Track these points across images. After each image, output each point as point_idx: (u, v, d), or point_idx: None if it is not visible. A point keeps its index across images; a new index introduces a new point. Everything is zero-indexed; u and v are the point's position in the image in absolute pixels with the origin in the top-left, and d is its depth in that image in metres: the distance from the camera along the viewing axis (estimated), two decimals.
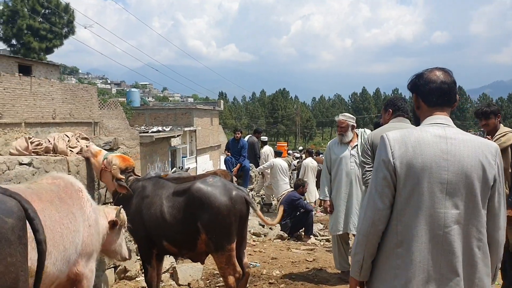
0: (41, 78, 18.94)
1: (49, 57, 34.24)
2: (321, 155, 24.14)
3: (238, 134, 11.45)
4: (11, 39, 33.54)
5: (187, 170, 9.89)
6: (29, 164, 3.67)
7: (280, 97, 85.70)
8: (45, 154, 4.20)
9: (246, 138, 12.51)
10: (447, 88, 2.13)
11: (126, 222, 3.73)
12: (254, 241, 7.32)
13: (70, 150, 4.38)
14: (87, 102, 21.63)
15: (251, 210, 4.16)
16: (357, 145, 5.32)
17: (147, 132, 26.24)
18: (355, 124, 5.46)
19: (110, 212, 3.58)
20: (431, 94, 2.13)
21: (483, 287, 2.01)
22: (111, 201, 4.41)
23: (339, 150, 5.36)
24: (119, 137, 20.66)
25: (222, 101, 43.70)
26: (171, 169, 27.40)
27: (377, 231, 2.05)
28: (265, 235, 8.03)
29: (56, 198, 2.79)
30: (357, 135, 5.43)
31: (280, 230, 8.44)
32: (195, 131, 31.89)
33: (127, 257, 3.83)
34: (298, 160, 19.01)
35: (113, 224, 3.50)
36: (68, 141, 4.46)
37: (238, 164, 11.03)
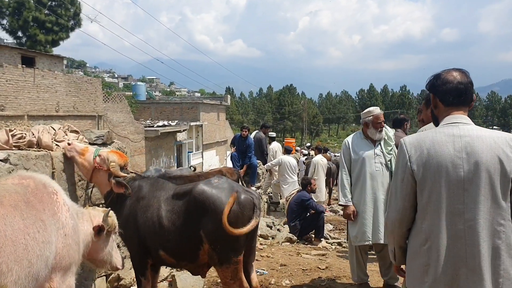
0: (45, 70, 18.51)
1: (55, 50, 33.87)
2: (328, 153, 23.61)
3: (245, 131, 10.80)
4: (17, 31, 33.18)
5: (194, 169, 9.30)
6: (4, 161, 3.18)
7: (287, 93, 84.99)
8: (28, 148, 3.71)
9: (253, 134, 11.94)
10: (464, 88, 2.22)
11: (117, 227, 3.22)
12: (261, 244, 6.82)
13: (56, 144, 3.89)
14: (91, 95, 21.21)
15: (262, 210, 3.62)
16: (380, 143, 4.74)
17: (153, 126, 25.91)
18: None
19: (97, 215, 3.07)
20: (447, 94, 2.23)
21: (509, 278, 2.06)
22: (103, 202, 3.90)
23: (361, 148, 4.72)
24: (124, 131, 20.33)
25: (229, 96, 43.13)
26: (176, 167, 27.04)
27: (401, 230, 2.23)
28: (273, 238, 7.52)
29: (21, 202, 2.29)
30: None
31: (289, 233, 7.91)
32: (201, 126, 31.52)
33: (119, 266, 3.30)
34: (306, 157, 18.45)
35: (99, 230, 2.99)
36: (55, 134, 3.96)
37: (245, 166, 10.49)
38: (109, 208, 3.18)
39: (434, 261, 2.08)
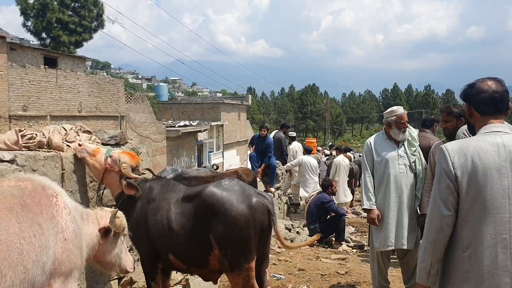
0: (67, 70, 18.71)
1: (79, 51, 34.28)
2: (351, 153, 23.23)
3: (264, 131, 10.50)
4: (41, 33, 33.73)
5: (216, 168, 9.18)
6: (11, 161, 3.10)
7: (310, 93, 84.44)
8: (38, 149, 3.63)
9: (272, 134, 11.72)
10: (499, 97, 2.21)
11: (126, 228, 3.09)
12: (279, 247, 6.64)
13: (67, 145, 3.80)
14: (113, 95, 21.39)
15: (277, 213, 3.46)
16: (404, 143, 4.52)
17: (174, 126, 26.02)
18: None
19: (104, 216, 2.95)
20: (483, 103, 2.23)
21: None
22: (114, 204, 3.80)
23: (384, 149, 4.50)
24: (146, 131, 20.40)
25: (250, 95, 43.07)
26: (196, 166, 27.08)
27: (444, 237, 2.17)
28: (292, 241, 7.34)
29: (17, 205, 2.18)
30: None
31: (308, 236, 7.72)
32: (222, 125, 31.54)
33: (129, 269, 3.17)
34: (328, 157, 18.17)
35: (105, 232, 2.87)
36: (66, 134, 3.87)
37: (263, 165, 10.29)
38: (117, 209, 3.06)
39: (475, 269, 2.08)
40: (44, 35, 33.51)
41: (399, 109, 4.61)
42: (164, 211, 3.35)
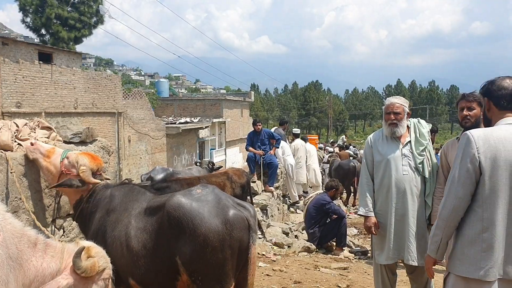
0: (62, 66, 18.23)
1: (78, 47, 33.88)
2: (353, 149, 22.68)
3: (259, 125, 10.10)
4: (40, 29, 33.34)
5: (212, 165, 8.63)
6: None
7: (313, 89, 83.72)
8: None
9: (272, 131, 11.20)
10: None
11: (106, 271, 2.35)
12: (275, 254, 6.09)
13: (19, 144, 3.25)
14: (110, 91, 20.91)
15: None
16: (410, 141, 3.88)
17: (175, 123, 25.58)
18: (409, 112, 4.04)
19: (73, 254, 2.23)
20: (502, 99, 2.45)
21: None
22: (71, 213, 3.25)
23: (386, 148, 3.88)
24: (144, 127, 19.95)
25: (252, 92, 42.53)
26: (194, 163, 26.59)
27: (457, 217, 2.38)
28: (289, 246, 6.78)
29: None
30: (409, 128, 3.97)
31: (307, 241, 7.13)
32: (224, 122, 31.05)
33: None
34: (331, 154, 17.59)
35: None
36: (17, 131, 3.32)
37: (261, 151, 9.77)
38: (84, 247, 2.29)
39: (491, 248, 2.26)
40: (43, 31, 33.09)
41: (389, 99, 4.01)
42: (123, 226, 2.79)
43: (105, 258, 2.38)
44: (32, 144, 3.19)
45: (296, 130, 13.33)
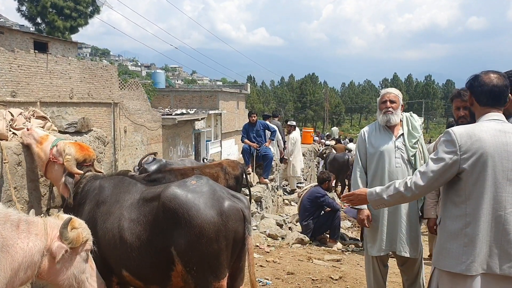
0: (58, 55, 18.14)
1: (74, 37, 33.68)
2: (345, 141, 22.71)
3: (254, 116, 10.09)
4: (36, 18, 33.08)
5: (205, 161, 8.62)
6: None
7: (309, 82, 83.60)
8: None
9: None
10: (498, 91, 2.43)
11: (88, 242, 2.48)
12: (268, 246, 6.13)
13: (13, 133, 3.26)
14: (106, 81, 20.83)
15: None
16: (402, 134, 3.92)
17: (171, 114, 25.52)
18: (403, 105, 4.07)
19: (56, 227, 2.34)
20: (482, 95, 2.45)
21: None
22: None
23: (379, 140, 3.92)
24: (140, 118, 19.92)
25: (249, 84, 42.43)
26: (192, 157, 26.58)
27: (418, 198, 2.79)
28: (283, 238, 6.82)
29: None
30: (401, 121, 4.00)
31: (301, 233, 7.18)
32: (220, 114, 31.00)
33: None
34: (327, 147, 17.62)
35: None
36: (12, 120, 3.33)
37: (255, 144, 9.77)
38: (70, 217, 2.42)
39: (472, 243, 2.29)
40: (39, 20, 32.83)
41: (386, 89, 4.11)
42: (115, 218, 2.79)
43: (87, 229, 2.48)
44: (28, 129, 3.20)
45: (292, 122, 13.21)
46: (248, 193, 6.81)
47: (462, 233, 2.32)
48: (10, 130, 3.25)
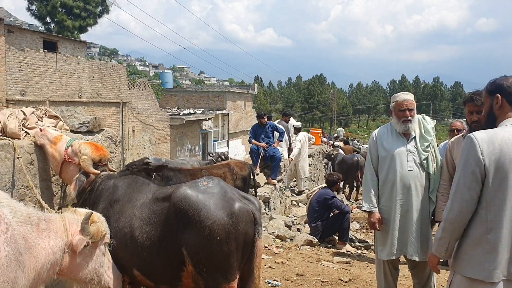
0: (67, 55, 18.21)
1: (83, 36, 33.85)
2: (354, 142, 22.60)
3: (265, 118, 9.92)
4: (45, 17, 33.26)
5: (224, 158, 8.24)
6: None
7: (317, 83, 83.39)
8: None
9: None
10: None
11: (107, 235, 2.50)
12: (277, 247, 6.10)
13: (26, 132, 3.27)
14: (115, 81, 20.93)
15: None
16: (415, 137, 3.88)
17: (178, 114, 25.61)
18: None
19: (75, 222, 2.35)
20: None
21: None
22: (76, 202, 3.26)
23: (391, 143, 3.88)
24: (148, 118, 19.94)
25: (256, 84, 42.45)
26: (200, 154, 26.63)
27: (464, 220, 2.36)
28: (291, 239, 6.80)
29: None
30: None
31: (310, 234, 7.15)
32: (227, 114, 31.05)
33: (111, 286, 2.60)
34: (335, 148, 17.54)
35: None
36: (24, 119, 3.34)
37: (264, 144, 9.64)
38: (91, 212, 2.44)
39: (495, 250, 2.26)
40: (48, 19, 33.01)
41: (401, 95, 3.99)
42: (127, 217, 2.80)
43: (105, 223, 2.51)
44: (41, 130, 3.22)
45: (298, 124, 12.74)
46: (254, 193, 6.77)
47: (484, 240, 2.29)
48: (22, 129, 3.27)
